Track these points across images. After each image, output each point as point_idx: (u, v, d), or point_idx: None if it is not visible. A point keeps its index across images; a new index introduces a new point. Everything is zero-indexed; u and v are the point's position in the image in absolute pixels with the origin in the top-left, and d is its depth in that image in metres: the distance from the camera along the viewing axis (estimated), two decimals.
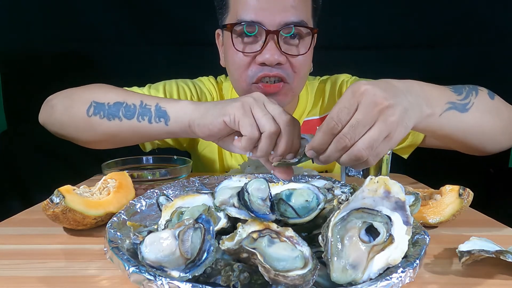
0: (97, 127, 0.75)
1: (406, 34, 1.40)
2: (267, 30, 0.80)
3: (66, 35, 1.39)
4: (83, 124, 0.77)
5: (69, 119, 0.79)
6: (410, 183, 0.89)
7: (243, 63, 0.85)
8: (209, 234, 0.38)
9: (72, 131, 0.80)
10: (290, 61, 0.85)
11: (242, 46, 0.84)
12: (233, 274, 0.36)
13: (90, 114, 0.75)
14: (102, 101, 0.75)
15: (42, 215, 0.54)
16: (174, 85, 1.02)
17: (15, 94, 1.44)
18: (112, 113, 0.74)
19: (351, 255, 0.38)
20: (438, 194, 0.59)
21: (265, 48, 0.82)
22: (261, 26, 0.80)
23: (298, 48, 0.85)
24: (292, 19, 0.81)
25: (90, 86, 0.83)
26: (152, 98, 0.74)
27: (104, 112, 0.74)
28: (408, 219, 0.39)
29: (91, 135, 0.78)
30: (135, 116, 0.72)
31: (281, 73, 0.84)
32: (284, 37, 0.83)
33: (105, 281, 0.41)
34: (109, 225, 0.45)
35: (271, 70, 0.83)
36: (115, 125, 0.74)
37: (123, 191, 0.60)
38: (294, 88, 0.88)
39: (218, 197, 0.46)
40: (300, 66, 0.86)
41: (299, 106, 1.05)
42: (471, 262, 0.43)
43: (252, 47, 0.84)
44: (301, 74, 0.88)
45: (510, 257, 0.41)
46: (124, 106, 0.73)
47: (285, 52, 0.83)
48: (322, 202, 0.45)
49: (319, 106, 1.06)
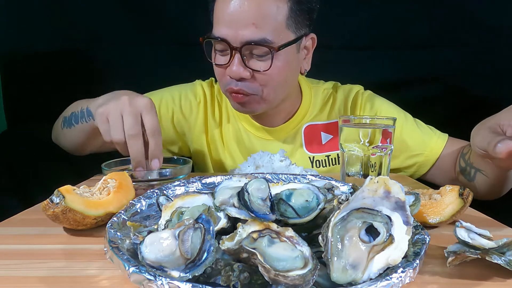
0: (67, 136, 0.95)
1: (406, 34, 1.39)
2: (231, 47, 0.85)
3: (66, 35, 1.39)
4: (62, 136, 0.98)
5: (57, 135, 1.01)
6: (410, 183, 0.89)
7: (218, 73, 0.93)
8: (209, 234, 0.38)
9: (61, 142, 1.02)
10: (255, 76, 0.88)
11: (216, 56, 0.91)
12: (233, 274, 0.36)
13: (62, 127, 0.96)
14: (65, 115, 0.94)
15: (42, 215, 0.54)
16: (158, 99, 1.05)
17: (15, 94, 1.44)
18: (69, 123, 0.92)
19: (351, 255, 0.38)
20: (438, 194, 0.59)
21: (231, 63, 0.87)
22: (226, 43, 0.85)
23: (262, 63, 0.87)
24: (252, 37, 0.84)
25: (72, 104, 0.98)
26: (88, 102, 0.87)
27: (66, 123, 0.93)
28: (408, 219, 0.39)
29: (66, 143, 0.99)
30: (78, 120, 0.88)
31: (244, 89, 0.89)
32: (249, 53, 0.87)
33: (105, 281, 0.41)
34: (109, 225, 0.45)
35: (236, 85, 0.89)
36: (73, 131, 0.92)
37: (123, 191, 0.60)
38: (265, 98, 0.92)
39: (218, 197, 0.46)
40: (267, 80, 0.89)
41: (301, 109, 1.05)
42: (470, 261, 0.43)
43: (224, 59, 0.89)
44: (270, 87, 0.91)
45: (495, 258, 0.41)
46: (74, 114, 0.90)
47: (249, 67, 0.87)
48: (322, 202, 0.45)
49: (326, 112, 1.06)
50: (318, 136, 1.04)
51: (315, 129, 1.05)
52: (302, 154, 1.03)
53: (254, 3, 0.83)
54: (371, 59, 1.41)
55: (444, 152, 0.97)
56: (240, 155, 1.05)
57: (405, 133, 1.00)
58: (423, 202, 0.57)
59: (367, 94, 1.08)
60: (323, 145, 1.04)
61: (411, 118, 1.03)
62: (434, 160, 0.98)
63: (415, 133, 1.00)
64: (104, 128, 0.72)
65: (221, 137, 1.07)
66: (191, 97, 1.07)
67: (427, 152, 0.99)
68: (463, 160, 0.87)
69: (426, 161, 0.99)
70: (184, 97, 1.07)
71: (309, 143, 1.04)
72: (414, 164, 1.01)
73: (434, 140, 0.99)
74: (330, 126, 1.04)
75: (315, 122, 1.05)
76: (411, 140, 0.99)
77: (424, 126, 1.03)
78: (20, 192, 1.28)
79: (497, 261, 0.41)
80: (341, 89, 1.10)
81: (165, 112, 1.05)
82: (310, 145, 1.04)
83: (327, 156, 1.04)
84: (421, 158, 0.99)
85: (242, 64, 0.86)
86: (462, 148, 0.92)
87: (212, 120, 1.07)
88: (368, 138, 0.70)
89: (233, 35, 0.84)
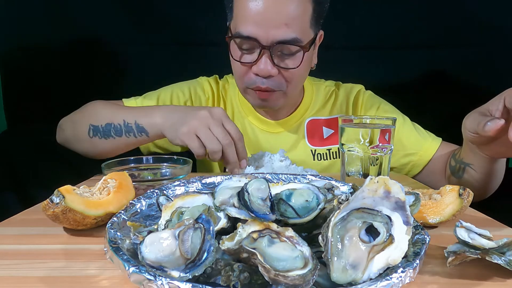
0: (98, 145, 0.91)
1: (406, 34, 1.40)
2: (261, 45, 0.87)
3: (66, 35, 1.39)
4: (87, 144, 0.93)
5: (77, 141, 0.95)
6: (410, 183, 0.89)
7: (241, 71, 0.93)
8: (209, 234, 0.38)
9: (80, 148, 0.96)
10: (282, 73, 0.91)
11: (240, 55, 0.91)
12: (233, 274, 0.36)
13: (91, 136, 0.91)
14: (96, 123, 0.90)
15: (42, 215, 0.54)
16: (169, 94, 1.07)
17: (15, 94, 1.44)
18: (106, 133, 0.89)
19: (351, 255, 0.38)
20: (438, 194, 0.59)
21: (259, 61, 0.89)
22: (256, 41, 0.86)
23: (291, 61, 0.90)
24: (285, 37, 0.86)
25: (86, 108, 0.97)
26: (132, 114, 0.88)
27: (100, 133, 0.90)
28: (408, 219, 0.39)
29: (94, 151, 0.94)
30: (123, 133, 0.88)
31: (271, 87, 0.92)
32: (278, 51, 0.88)
33: (105, 281, 0.41)
34: (109, 225, 0.45)
35: (263, 83, 0.91)
36: (110, 142, 0.90)
37: (123, 191, 0.60)
38: (287, 93, 0.96)
39: (218, 197, 0.46)
40: (292, 76, 0.93)
41: (302, 105, 1.09)
42: (470, 261, 0.43)
43: (249, 57, 0.90)
44: (294, 82, 0.95)
45: (495, 258, 0.41)
46: (113, 126, 0.88)
47: (277, 65, 0.89)
48: (322, 202, 0.45)
49: (328, 107, 1.11)
50: (320, 130, 1.08)
51: (317, 124, 1.08)
52: (304, 146, 1.07)
53: (286, 4, 0.85)
54: (371, 59, 1.41)
55: (437, 154, 1.01)
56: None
57: (402, 134, 1.03)
58: (423, 202, 0.57)
59: (368, 94, 1.12)
60: (325, 139, 1.08)
61: (408, 121, 1.07)
62: (427, 161, 1.02)
63: (411, 134, 1.04)
64: (196, 145, 0.79)
65: None
66: (200, 93, 1.09)
67: (421, 152, 1.02)
68: (454, 159, 0.90)
69: (420, 161, 1.02)
70: (194, 92, 1.09)
71: (311, 137, 1.08)
72: (408, 163, 1.03)
73: (429, 142, 1.02)
74: (332, 121, 1.08)
75: (318, 117, 1.09)
76: (407, 140, 1.03)
77: (420, 129, 1.06)
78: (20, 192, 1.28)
79: (497, 261, 0.41)
80: (343, 87, 1.14)
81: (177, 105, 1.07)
82: (312, 139, 1.07)
83: (328, 149, 1.07)
84: (415, 158, 1.02)
85: (271, 62, 0.88)
86: (453, 151, 0.95)
87: None
88: (368, 138, 0.71)
89: (264, 35, 0.86)
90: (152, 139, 0.89)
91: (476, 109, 0.69)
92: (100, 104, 0.96)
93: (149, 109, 0.90)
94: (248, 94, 0.98)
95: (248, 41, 0.87)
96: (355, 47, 1.40)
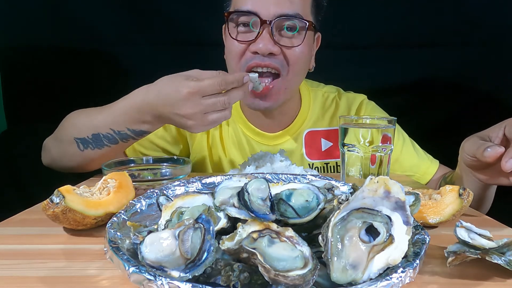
0: (91, 156, 0.83)
1: (406, 33, 1.39)
2: (261, 20, 0.83)
3: (66, 35, 1.39)
4: (80, 158, 0.84)
5: (65, 158, 0.87)
6: (410, 183, 0.89)
7: (238, 51, 0.87)
8: (209, 234, 0.38)
9: (69, 165, 0.88)
10: (284, 52, 0.86)
11: (237, 34, 0.87)
12: (233, 274, 0.36)
13: (81, 149, 0.82)
14: (82, 136, 0.82)
15: (42, 215, 0.54)
16: None
17: (15, 94, 1.44)
18: (98, 144, 0.81)
19: (351, 255, 0.38)
20: (438, 194, 0.59)
21: (259, 38, 0.84)
22: (256, 16, 0.83)
23: (293, 40, 0.86)
24: (287, 11, 0.83)
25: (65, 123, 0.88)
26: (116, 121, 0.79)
27: (91, 144, 0.82)
28: (408, 219, 0.39)
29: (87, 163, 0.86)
30: (119, 140, 0.80)
31: (272, 63, 0.85)
32: (279, 29, 0.84)
33: (105, 281, 0.41)
34: (109, 225, 0.45)
35: (263, 60, 0.85)
36: (106, 150, 0.82)
37: (123, 191, 0.60)
38: (287, 81, 0.89)
39: (218, 197, 0.46)
40: (295, 58, 0.87)
41: (300, 115, 1.04)
42: (470, 261, 0.43)
43: (247, 35, 0.86)
44: (296, 68, 0.89)
45: (495, 258, 0.41)
46: (103, 136, 0.80)
47: (278, 43, 0.84)
48: (322, 202, 0.45)
49: (327, 117, 1.06)
50: (318, 142, 1.05)
51: (315, 135, 1.05)
52: (302, 160, 1.04)
53: None
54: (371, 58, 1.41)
55: (433, 177, 1.02)
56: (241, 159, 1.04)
57: (401, 154, 1.03)
58: (423, 202, 0.57)
59: (371, 105, 1.09)
60: (323, 152, 1.04)
61: (408, 141, 1.06)
62: (424, 184, 1.02)
63: (411, 156, 1.03)
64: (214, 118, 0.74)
65: (221, 140, 1.06)
66: None
67: (418, 175, 1.02)
68: (444, 181, 0.91)
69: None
70: None
71: (309, 149, 1.04)
72: None
73: (427, 165, 1.03)
74: (331, 133, 1.05)
75: (316, 128, 1.05)
76: (406, 162, 1.03)
77: (419, 150, 1.06)
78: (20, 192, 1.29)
79: (497, 261, 0.41)
80: (345, 96, 1.09)
81: None
82: (309, 152, 1.04)
83: (326, 163, 1.04)
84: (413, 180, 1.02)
85: (272, 38, 0.84)
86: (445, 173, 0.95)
87: None
88: (368, 138, 0.71)
89: (265, 9, 0.83)
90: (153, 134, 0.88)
91: (476, 133, 0.70)
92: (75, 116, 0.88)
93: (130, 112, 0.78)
94: None
95: (248, 17, 0.84)
96: (355, 47, 1.40)
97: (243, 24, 0.86)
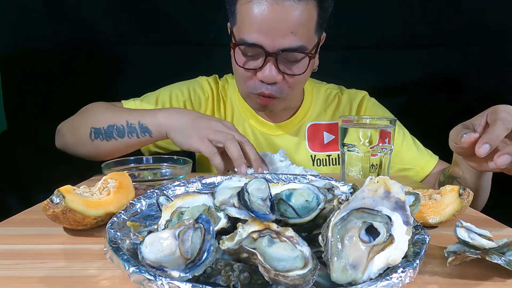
0: (99, 147, 0.90)
1: (406, 33, 1.39)
2: (266, 52, 0.86)
3: (66, 35, 1.39)
4: (88, 146, 0.91)
5: (78, 144, 0.94)
6: (410, 183, 0.89)
7: (244, 76, 0.93)
8: (209, 234, 0.38)
9: (81, 152, 0.95)
10: (286, 79, 0.91)
11: (244, 60, 0.91)
12: (233, 274, 0.36)
13: (92, 138, 0.90)
14: (98, 126, 0.90)
15: (42, 215, 0.54)
16: (167, 94, 1.06)
17: (15, 94, 1.44)
18: (108, 135, 0.88)
19: (351, 255, 0.38)
20: (438, 194, 0.59)
21: (264, 67, 0.88)
22: (261, 49, 0.86)
23: (296, 68, 0.90)
24: (291, 45, 0.86)
25: (86, 111, 0.97)
26: (135, 115, 0.87)
27: (102, 135, 0.89)
28: (408, 219, 0.39)
29: (96, 153, 0.92)
30: (125, 134, 0.87)
31: (274, 93, 0.92)
32: (283, 59, 0.88)
33: (105, 281, 0.41)
34: (109, 225, 0.45)
35: (266, 89, 0.91)
36: (112, 144, 0.89)
37: (123, 191, 0.60)
38: (287, 99, 0.96)
39: (218, 197, 0.46)
40: (295, 83, 0.93)
41: (303, 106, 1.08)
42: (470, 261, 0.43)
43: (253, 63, 0.90)
44: (296, 88, 0.95)
45: (495, 258, 0.41)
46: (115, 128, 0.88)
47: (282, 72, 0.89)
48: (322, 202, 0.45)
49: (330, 112, 1.10)
50: (320, 135, 1.08)
51: (318, 128, 1.08)
52: (304, 150, 1.06)
53: (292, 12, 0.83)
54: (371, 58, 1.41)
55: (432, 171, 1.03)
56: None
57: (401, 148, 1.04)
58: (423, 202, 0.57)
59: (372, 101, 1.12)
60: (325, 144, 1.07)
61: (408, 136, 1.08)
62: (423, 177, 1.04)
63: (411, 149, 1.05)
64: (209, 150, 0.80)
65: None
66: (200, 92, 1.08)
67: (418, 168, 1.04)
68: (443, 175, 0.92)
69: (415, 177, 1.04)
70: (193, 91, 1.08)
71: (311, 142, 1.07)
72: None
73: (426, 159, 1.05)
74: (333, 126, 1.08)
75: (319, 121, 1.08)
76: (405, 155, 1.04)
77: (419, 145, 1.08)
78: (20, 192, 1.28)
79: (497, 261, 0.41)
80: (347, 92, 1.14)
81: (176, 106, 1.06)
82: (312, 144, 1.07)
83: (328, 155, 1.07)
84: (411, 173, 1.04)
85: (277, 68, 0.88)
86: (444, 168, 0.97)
87: (218, 115, 1.09)
88: (368, 138, 0.71)
89: (270, 42, 0.85)
90: (155, 140, 0.89)
91: (462, 122, 0.72)
92: (100, 106, 0.95)
93: (152, 110, 0.89)
94: (250, 98, 0.98)
95: (253, 48, 0.87)
96: (355, 47, 1.40)
97: (249, 54, 0.90)
